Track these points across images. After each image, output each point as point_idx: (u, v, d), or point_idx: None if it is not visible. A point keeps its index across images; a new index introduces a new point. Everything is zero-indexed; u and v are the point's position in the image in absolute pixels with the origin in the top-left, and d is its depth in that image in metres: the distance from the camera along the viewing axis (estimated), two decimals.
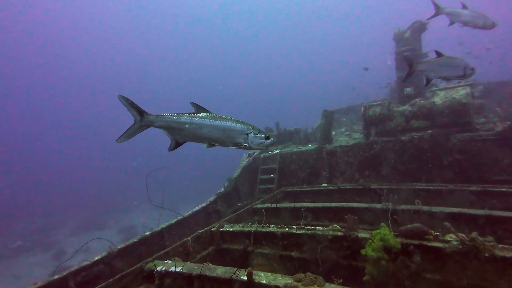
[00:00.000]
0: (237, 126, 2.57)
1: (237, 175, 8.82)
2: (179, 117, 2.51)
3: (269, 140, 2.63)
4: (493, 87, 9.44)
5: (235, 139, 2.58)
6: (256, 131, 2.60)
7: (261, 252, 4.34)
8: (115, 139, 2.48)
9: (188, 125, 2.51)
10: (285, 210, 5.96)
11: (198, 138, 2.58)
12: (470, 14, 4.91)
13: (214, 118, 2.54)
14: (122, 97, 2.42)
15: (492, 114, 7.57)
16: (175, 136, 2.57)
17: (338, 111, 13.17)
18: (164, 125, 2.52)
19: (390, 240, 3.31)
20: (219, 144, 2.63)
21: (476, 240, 2.90)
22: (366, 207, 4.94)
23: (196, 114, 2.56)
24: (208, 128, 2.52)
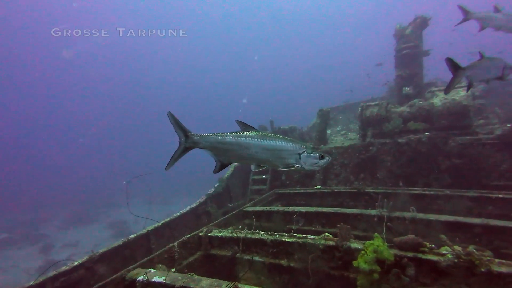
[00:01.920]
0: (288, 145, 2.39)
1: (229, 175, 8.63)
2: (223, 137, 2.36)
3: (323, 159, 2.44)
4: (495, 86, 9.28)
5: (286, 160, 2.41)
6: (309, 150, 2.42)
7: (249, 260, 4.16)
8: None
9: (233, 145, 2.35)
10: (276, 213, 5.78)
11: (245, 159, 2.44)
12: (504, 18, 4.62)
13: (262, 137, 2.36)
14: (171, 115, 2.32)
15: (492, 115, 7.42)
16: (219, 157, 2.42)
17: (335, 108, 12.99)
18: (208, 146, 2.38)
19: (384, 252, 3.15)
20: (268, 165, 2.48)
21: (472, 255, 2.75)
22: (359, 213, 4.78)
23: (242, 133, 2.39)
24: (255, 149, 2.34)
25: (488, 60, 3.69)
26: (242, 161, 2.49)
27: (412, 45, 7.70)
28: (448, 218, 3.97)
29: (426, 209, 4.93)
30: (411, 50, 7.69)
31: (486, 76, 3.76)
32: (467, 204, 4.70)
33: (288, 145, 2.39)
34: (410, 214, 4.26)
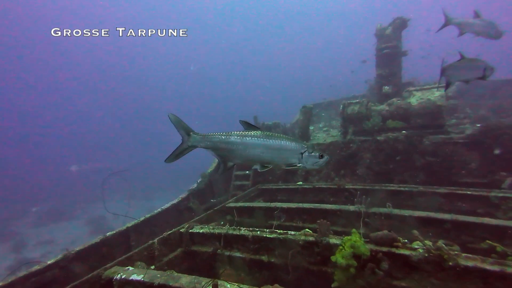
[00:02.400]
0: (292, 145, 2.40)
1: (212, 170, 8.59)
2: (228, 137, 2.32)
3: (323, 158, 2.49)
4: (467, 88, 9.74)
5: (289, 159, 2.43)
6: (310, 149, 2.45)
7: (230, 256, 4.18)
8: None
9: (238, 145, 2.31)
10: (258, 209, 5.83)
11: (249, 159, 2.40)
12: (482, 24, 4.80)
13: (267, 137, 2.34)
14: (172, 115, 2.30)
15: (463, 115, 7.81)
16: (223, 158, 2.38)
17: (318, 105, 13.16)
18: (211, 145, 2.35)
19: (360, 248, 3.26)
20: (272, 165, 2.44)
21: (441, 249, 2.90)
22: (339, 209, 4.91)
23: (247, 133, 2.36)
24: (261, 149, 2.32)
25: (468, 61, 3.88)
26: (246, 162, 2.45)
27: (391, 45, 7.89)
28: (421, 214, 4.16)
29: (401, 205, 5.14)
30: (391, 50, 7.88)
31: (467, 76, 3.93)
32: (439, 200, 4.94)
33: (291, 144, 2.40)
34: (386, 210, 4.43)
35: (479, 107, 8.08)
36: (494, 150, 5.04)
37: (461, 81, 4.12)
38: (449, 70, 3.89)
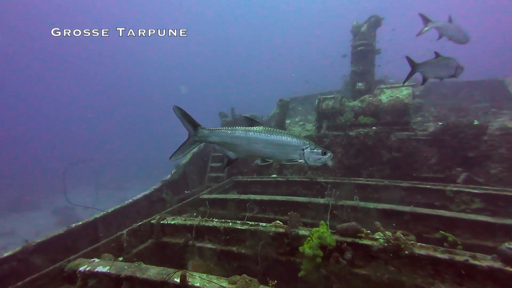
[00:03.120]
0: (293, 141, 2.45)
1: (186, 162, 8.47)
2: (233, 132, 2.40)
3: (326, 155, 2.51)
4: (433, 87, 10.32)
5: (290, 155, 2.47)
6: (312, 146, 2.48)
7: (201, 247, 4.20)
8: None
9: (242, 140, 2.39)
10: (232, 201, 5.87)
11: (251, 154, 2.46)
12: (455, 29, 5.06)
13: (269, 132, 2.41)
14: (177, 108, 2.30)
15: (428, 114, 8.28)
16: (228, 152, 2.45)
17: (295, 99, 13.31)
18: (218, 140, 2.41)
19: (327, 238, 3.41)
20: (273, 159, 2.51)
21: (399, 239, 3.11)
22: (310, 201, 5.06)
23: (250, 128, 2.43)
24: (263, 143, 2.39)
25: (442, 59, 4.11)
26: (249, 156, 2.50)
27: (366, 43, 8.10)
28: (384, 206, 4.41)
29: (368, 198, 5.42)
30: (365, 47, 8.10)
31: (440, 73, 4.17)
32: (401, 194, 5.26)
33: (293, 140, 2.45)
34: (353, 203, 4.64)
35: (442, 106, 8.61)
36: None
37: (435, 77, 4.33)
38: (425, 67, 4.11)
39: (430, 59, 4.14)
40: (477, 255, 2.74)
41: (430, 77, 4.24)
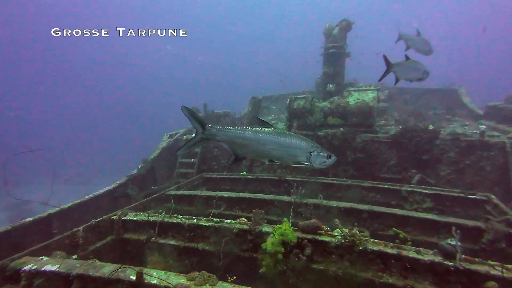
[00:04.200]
0: (302, 143, 2.45)
1: (155, 157, 8.26)
2: (242, 132, 2.40)
3: (330, 159, 2.53)
4: (396, 93, 10.94)
5: (298, 158, 2.47)
6: (318, 149, 2.49)
7: (162, 244, 4.13)
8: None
9: (252, 140, 2.38)
10: (199, 198, 5.82)
11: (259, 155, 2.46)
12: (422, 42, 5.40)
13: (279, 134, 2.41)
14: (185, 108, 2.32)
15: (391, 117, 8.76)
16: (236, 151, 2.45)
17: (268, 98, 13.43)
18: (226, 139, 2.42)
19: (289, 235, 3.50)
20: (280, 161, 2.51)
21: (355, 236, 3.28)
22: (276, 199, 5.16)
23: (260, 129, 2.42)
24: (272, 145, 2.40)
25: (412, 62, 4.40)
26: (257, 157, 2.52)
27: (337, 45, 8.35)
28: (345, 205, 4.62)
29: (332, 196, 5.63)
30: (336, 49, 8.35)
31: (410, 75, 4.44)
32: (362, 193, 5.53)
33: (301, 143, 2.45)
34: (316, 201, 4.80)
35: (404, 111, 9.17)
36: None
37: (406, 79, 4.59)
38: (398, 67, 4.36)
39: (402, 61, 4.41)
40: (422, 250, 2.97)
41: (401, 78, 4.51)
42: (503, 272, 2.52)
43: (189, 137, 9.04)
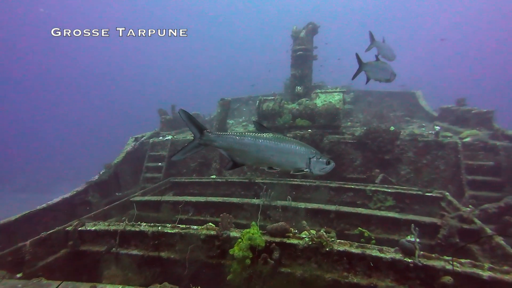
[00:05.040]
0: (301, 149, 2.40)
1: (119, 161, 7.81)
2: (242, 138, 2.32)
3: (329, 165, 2.48)
4: (361, 95, 11.43)
5: (297, 164, 2.42)
6: (318, 155, 2.44)
7: (122, 254, 3.87)
8: None
9: (251, 147, 2.31)
10: (166, 203, 5.58)
11: (259, 161, 2.39)
12: (387, 48, 5.66)
13: (279, 140, 2.35)
14: (183, 111, 2.22)
15: (356, 119, 9.11)
16: (234, 158, 2.36)
17: (239, 100, 13.37)
18: (225, 145, 2.33)
19: (257, 239, 3.44)
20: (279, 168, 2.44)
21: (322, 237, 3.31)
22: (245, 202, 5.09)
23: (260, 135, 2.35)
24: (272, 151, 2.32)
25: (381, 63, 4.57)
26: (256, 163, 2.47)
27: (304, 48, 8.51)
28: (313, 206, 4.67)
29: (301, 198, 5.68)
30: (303, 52, 8.50)
31: (379, 75, 4.59)
32: (330, 193, 5.65)
33: (301, 149, 2.39)
34: (285, 203, 4.80)
35: (368, 113, 9.59)
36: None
37: (375, 79, 4.73)
38: (368, 67, 4.50)
39: (372, 61, 4.57)
40: (384, 248, 3.06)
41: (371, 78, 4.66)
42: (454, 266, 2.67)
43: (156, 140, 8.69)
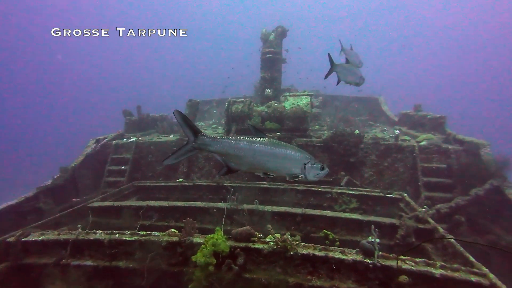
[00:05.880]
0: (297, 155, 2.35)
1: (77, 164, 7.29)
2: (237, 142, 2.26)
3: (323, 171, 2.43)
4: (329, 99, 11.80)
5: (292, 170, 2.37)
6: (312, 160, 2.39)
7: (72, 266, 3.56)
8: None
9: (246, 151, 2.24)
10: (127, 209, 5.27)
11: (254, 167, 2.32)
12: (355, 55, 5.83)
13: (274, 145, 2.30)
14: (178, 112, 2.16)
15: (324, 123, 9.36)
16: (229, 163, 2.30)
17: (209, 102, 13.19)
18: (220, 150, 2.26)
19: (221, 245, 3.34)
20: (275, 173, 2.37)
21: (286, 241, 3.29)
22: (211, 206, 4.96)
23: (255, 139, 2.29)
24: (267, 157, 2.27)
25: (351, 66, 4.68)
26: (251, 169, 2.36)
27: (274, 51, 8.58)
28: (280, 209, 4.66)
29: (269, 201, 5.65)
30: (273, 55, 8.57)
31: (349, 78, 4.68)
32: (298, 196, 5.69)
33: (296, 154, 2.35)
34: (252, 206, 4.74)
35: (335, 117, 9.92)
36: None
37: (345, 81, 4.82)
38: (339, 68, 4.57)
39: (343, 63, 4.68)
40: (346, 250, 3.11)
41: (342, 80, 4.76)
42: (397, 262, 2.78)
43: (120, 142, 8.23)
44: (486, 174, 5.49)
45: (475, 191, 5.23)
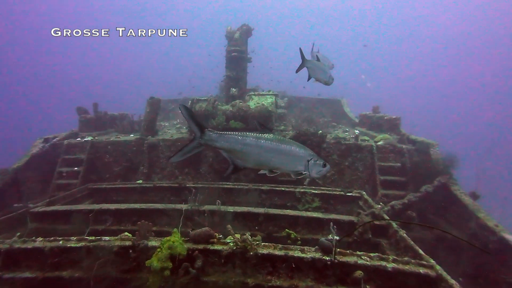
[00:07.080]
0: (301, 151, 2.33)
1: (20, 166, 6.59)
2: (244, 138, 2.21)
3: (326, 167, 2.41)
4: (294, 101, 12.02)
5: (297, 167, 2.35)
6: (315, 157, 2.37)
7: (12, 278, 3.16)
8: None
9: (253, 148, 2.21)
10: (78, 213, 4.84)
11: (260, 164, 2.29)
12: (324, 58, 6.00)
13: (280, 141, 2.27)
14: (184, 107, 2.13)
15: (289, 123, 9.48)
16: (235, 160, 2.26)
17: (175, 101, 12.76)
18: (227, 146, 2.22)
19: (178, 248, 3.17)
20: (280, 171, 2.36)
21: (246, 241, 3.21)
22: (170, 208, 4.73)
23: (261, 135, 2.25)
24: (273, 153, 2.24)
25: (321, 64, 4.67)
26: (257, 166, 2.33)
27: (239, 49, 8.52)
28: (242, 209, 4.58)
29: (233, 202, 5.54)
30: (238, 53, 8.50)
31: (318, 75, 4.69)
32: (262, 196, 5.66)
33: (301, 151, 2.33)
34: (213, 207, 4.61)
35: (300, 118, 10.12)
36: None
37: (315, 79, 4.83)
38: (310, 64, 4.56)
39: (315, 60, 4.69)
40: (305, 248, 3.11)
41: (312, 77, 4.77)
42: (362, 260, 2.85)
43: (73, 141, 7.58)
44: (435, 172, 5.91)
45: (425, 188, 5.60)
